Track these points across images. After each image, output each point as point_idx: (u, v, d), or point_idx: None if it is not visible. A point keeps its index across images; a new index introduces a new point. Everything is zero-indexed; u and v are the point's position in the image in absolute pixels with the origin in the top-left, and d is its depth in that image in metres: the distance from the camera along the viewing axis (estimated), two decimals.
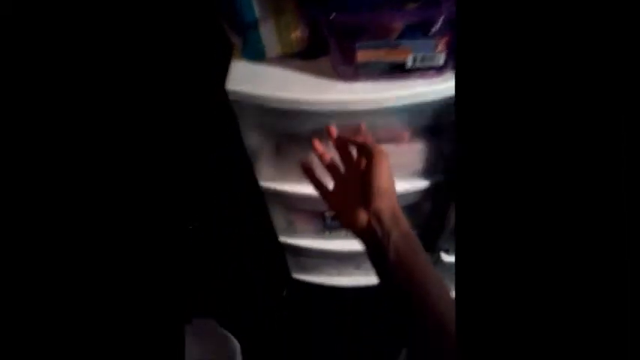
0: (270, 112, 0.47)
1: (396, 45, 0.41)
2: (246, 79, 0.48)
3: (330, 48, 0.45)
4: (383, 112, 0.47)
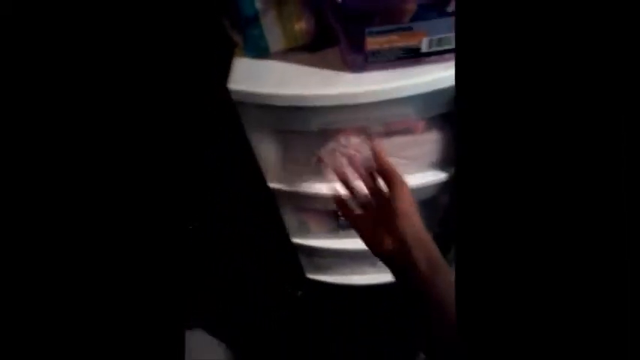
0: (276, 110, 0.45)
1: (409, 28, 0.38)
2: (250, 77, 0.46)
3: (338, 37, 0.42)
4: (396, 103, 0.44)
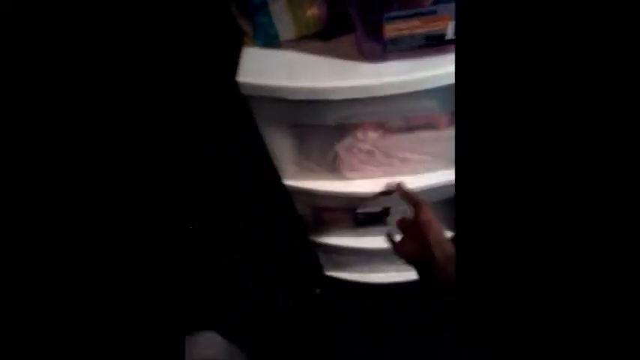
0: (289, 104, 0.42)
1: (433, 11, 0.34)
2: (260, 68, 0.43)
3: (353, 24, 0.39)
4: (418, 96, 0.41)
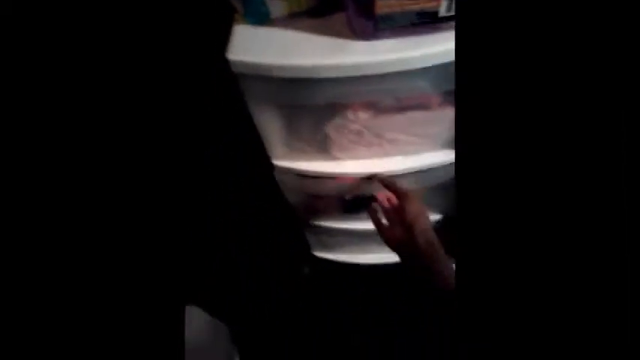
0: (279, 83, 0.41)
1: None
2: (250, 46, 0.42)
3: (344, 0, 0.38)
4: (410, 75, 0.40)
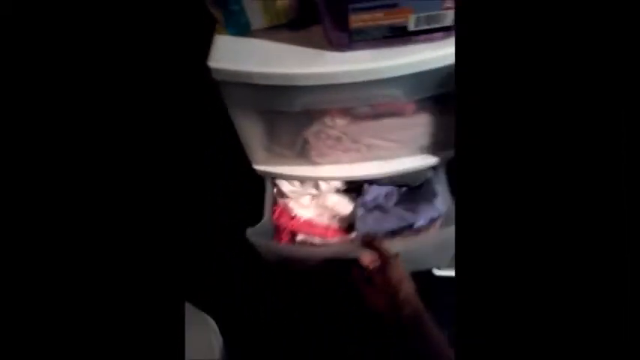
0: (258, 90, 0.43)
1: (395, 4, 0.36)
2: (231, 55, 0.44)
3: (321, 14, 0.40)
4: (383, 84, 0.42)
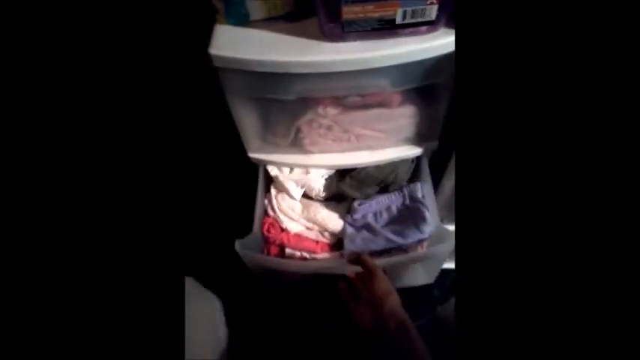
0: (256, 77, 0.46)
1: None
2: (231, 43, 0.46)
3: (316, 6, 0.43)
4: (371, 73, 0.46)
